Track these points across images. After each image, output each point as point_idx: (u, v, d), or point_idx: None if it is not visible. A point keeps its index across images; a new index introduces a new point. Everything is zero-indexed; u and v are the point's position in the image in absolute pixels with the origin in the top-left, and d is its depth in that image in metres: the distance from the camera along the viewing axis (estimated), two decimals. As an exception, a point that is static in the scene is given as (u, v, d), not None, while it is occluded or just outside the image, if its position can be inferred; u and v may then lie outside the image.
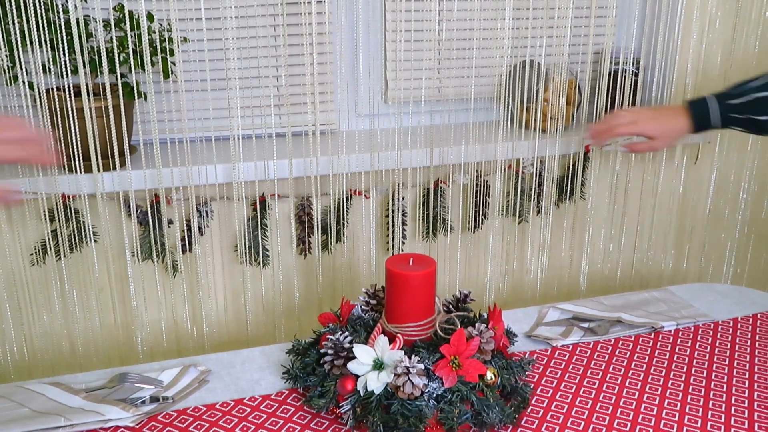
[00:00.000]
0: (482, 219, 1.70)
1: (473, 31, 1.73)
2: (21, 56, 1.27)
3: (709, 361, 1.18)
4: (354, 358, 1.00)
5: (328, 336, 1.05)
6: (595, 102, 1.81)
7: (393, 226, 1.66)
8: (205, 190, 1.52)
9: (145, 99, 1.41)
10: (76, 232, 1.45)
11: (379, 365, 1.00)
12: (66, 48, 1.32)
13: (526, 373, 1.09)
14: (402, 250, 1.68)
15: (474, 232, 1.71)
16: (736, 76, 1.57)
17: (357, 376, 1.00)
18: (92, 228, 1.46)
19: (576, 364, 1.17)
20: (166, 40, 1.39)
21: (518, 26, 1.76)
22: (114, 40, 1.34)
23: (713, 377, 1.13)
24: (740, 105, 1.31)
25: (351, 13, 1.65)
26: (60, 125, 1.37)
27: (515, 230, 1.81)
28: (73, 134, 1.36)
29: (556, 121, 1.72)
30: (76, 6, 1.29)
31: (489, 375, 1.01)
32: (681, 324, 1.29)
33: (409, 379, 0.96)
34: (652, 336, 1.25)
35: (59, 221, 1.42)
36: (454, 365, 0.99)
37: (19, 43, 1.25)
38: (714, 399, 1.07)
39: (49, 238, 1.43)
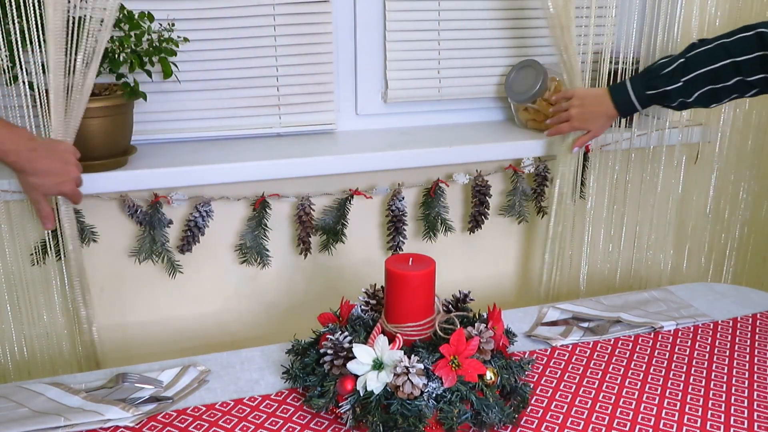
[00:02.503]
0: (482, 219, 1.70)
1: (473, 31, 1.73)
2: (21, 56, 1.27)
3: (709, 360, 1.18)
4: (353, 357, 1.00)
5: (328, 336, 1.05)
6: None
7: (393, 226, 1.65)
8: (205, 190, 1.52)
9: (145, 99, 1.41)
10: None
11: (378, 365, 1.00)
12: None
13: (526, 372, 1.09)
14: (402, 250, 1.68)
15: (474, 232, 1.71)
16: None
17: (356, 376, 1.00)
18: (92, 228, 1.46)
19: (576, 364, 1.17)
20: (167, 40, 1.39)
21: (518, 26, 1.76)
22: (114, 40, 1.34)
23: (713, 377, 1.13)
24: (652, 80, 1.42)
25: (351, 12, 1.65)
26: (60, 125, 1.37)
27: (515, 230, 1.81)
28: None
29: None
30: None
31: (488, 375, 1.01)
32: (680, 324, 1.29)
33: (408, 378, 0.96)
34: (652, 336, 1.25)
35: (59, 221, 1.42)
36: (453, 365, 0.99)
37: (19, 43, 1.25)
38: (714, 399, 1.07)
39: (49, 238, 1.43)
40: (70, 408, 1.03)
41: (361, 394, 0.99)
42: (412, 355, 0.99)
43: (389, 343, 1.02)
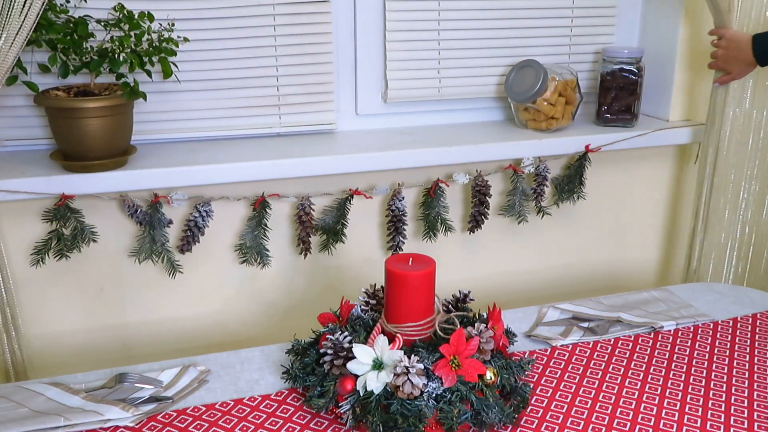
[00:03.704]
0: (482, 219, 1.70)
1: (473, 31, 1.73)
2: (21, 56, 1.27)
3: (709, 360, 1.18)
4: (353, 357, 1.00)
5: (328, 336, 1.05)
6: (596, 102, 1.82)
7: (393, 226, 1.65)
8: (205, 190, 1.52)
9: (144, 99, 1.41)
10: (76, 232, 1.44)
11: (378, 365, 1.00)
12: (69, 48, 1.32)
13: (526, 372, 1.09)
14: (402, 250, 1.68)
15: (474, 232, 1.71)
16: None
17: (356, 376, 1.00)
18: (92, 228, 1.46)
19: (575, 364, 1.17)
20: (167, 40, 1.39)
21: (518, 26, 1.76)
22: (114, 40, 1.34)
23: (713, 377, 1.13)
24: None
25: (351, 12, 1.65)
26: (60, 125, 1.37)
27: (515, 230, 1.81)
28: (73, 134, 1.36)
29: (556, 121, 1.72)
30: (76, 6, 1.29)
31: (488, 375, 1.01)
32: (680, 324, 1.29)
33: (408, 378, 0.96)
34: (652, 336, 1.25)
35: (59, 221, 1.42)
36: (453, 365, 0.99)
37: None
38: (714, 399, 1.07)
39: (49, 239, 1.43)
40: (69, 408, 1.03)
41: (361, 394, 0.99)
42: (412, 355, 0.99)
43: (389, 343, 1.02)
